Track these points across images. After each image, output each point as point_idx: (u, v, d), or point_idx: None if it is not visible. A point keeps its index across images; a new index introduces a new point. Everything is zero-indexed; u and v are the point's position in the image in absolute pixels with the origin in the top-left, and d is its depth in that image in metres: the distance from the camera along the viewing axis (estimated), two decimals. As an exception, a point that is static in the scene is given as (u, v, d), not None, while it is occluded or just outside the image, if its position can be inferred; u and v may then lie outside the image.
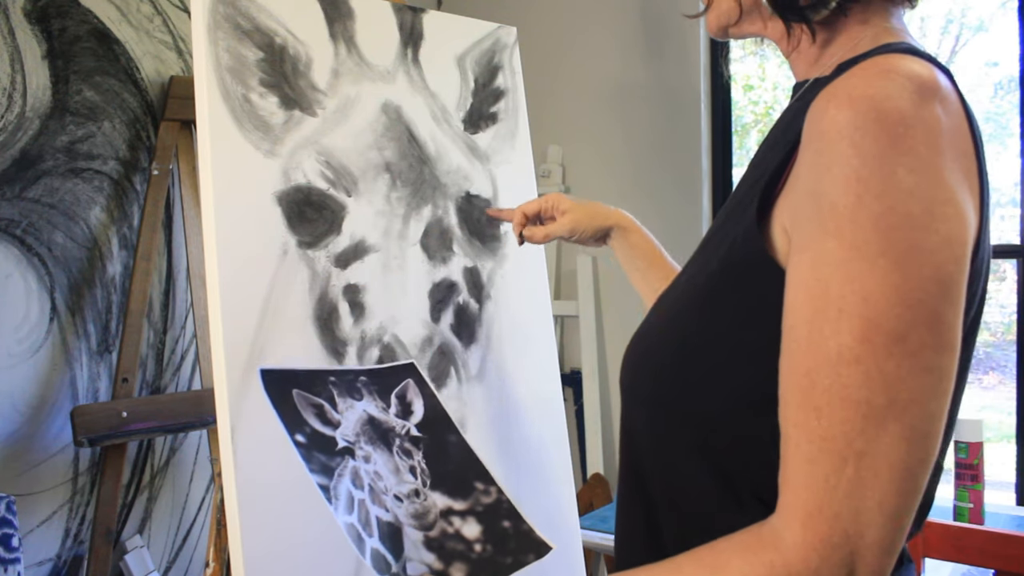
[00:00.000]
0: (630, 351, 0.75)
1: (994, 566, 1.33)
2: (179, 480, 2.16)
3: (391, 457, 1.09)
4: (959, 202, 0.56)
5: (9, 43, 1.84)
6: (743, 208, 0.66)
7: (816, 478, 0.54)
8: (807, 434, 0.55)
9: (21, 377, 1.85)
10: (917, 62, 0.59)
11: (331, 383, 1.08)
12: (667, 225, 2.43)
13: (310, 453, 1.02)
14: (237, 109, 1.07)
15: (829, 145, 0.56)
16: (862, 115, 0.55)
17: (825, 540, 0.54)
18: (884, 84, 0.56)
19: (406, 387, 1.15)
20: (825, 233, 0.55)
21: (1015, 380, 2.00)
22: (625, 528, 0.77)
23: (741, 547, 0.59)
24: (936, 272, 0.54)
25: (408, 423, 1.12)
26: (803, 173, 0.59)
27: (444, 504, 1.11)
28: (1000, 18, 2.16)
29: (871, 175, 0.54)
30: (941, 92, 0.58)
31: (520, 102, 1.41)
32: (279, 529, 0.99)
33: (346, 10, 1.21)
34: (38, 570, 1.89)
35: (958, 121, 0.59)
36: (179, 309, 2.15)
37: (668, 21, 2.41)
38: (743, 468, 0.65)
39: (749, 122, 2.67)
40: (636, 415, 0.74)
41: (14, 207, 1.85)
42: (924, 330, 0.53)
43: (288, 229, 1.10)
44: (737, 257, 0.65)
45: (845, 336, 0.54)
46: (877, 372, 0.53)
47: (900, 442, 0.53)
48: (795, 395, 0.56)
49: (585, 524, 1.90)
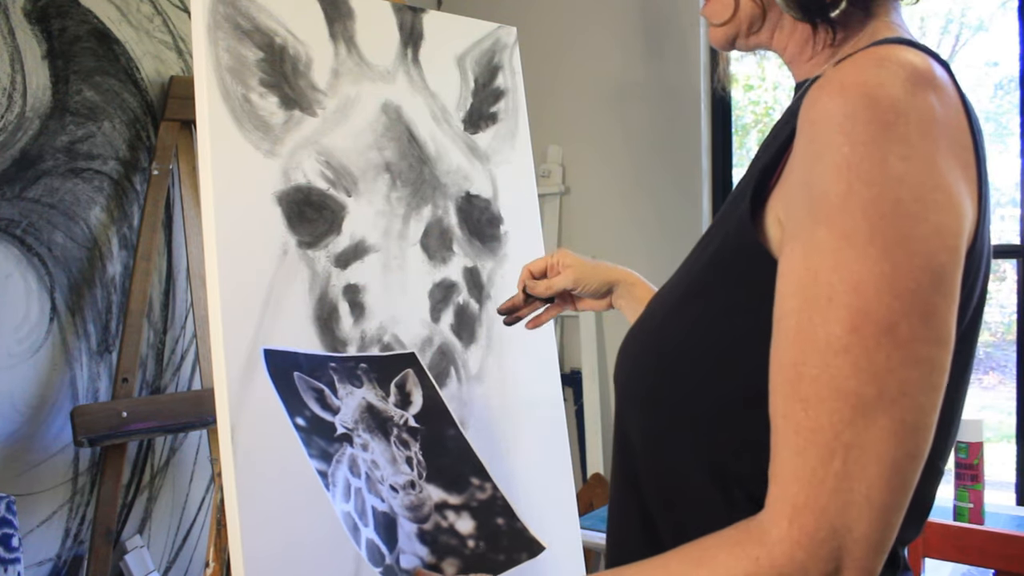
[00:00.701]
0: (624, 348, 0.75)
1: (994, 566, 1.33)
2: (179, 480, 2.16)
3: (388, 446, 1.09)
4: (953, 192, 0.55)
5: (9, 43, 1.84)
6: (737, 202, 0.65)
7: (803, 471, 0.53)
8: (794, 426, 0.54)
9: (21, 377, 1.85)
10: (912, 51, 0.58)
11: (332, 368, 1.08)
12: (667, 225, 2.43)
13: (310, 437, 1.02)
14: (237, 109, 1.07)
15: (820, 133, 0.55)
16: (853, 102, 0.54)
17: (811, 535, 0.53)
18: (876, 72, 0.55)
19: (406, 377, 1.15)
20: (816, 222, 0.55)
21: (1015, 380, 2.00)
22: (619, 527, 0.77)
23: (728, 542, 0.58)
24: (927, 261, 0.53)
25: (407, 413, 1.12)
26: (796, 163, 0.58)
27: (439, 497, 1.11)
28: (1000, 18, 2.16)
29: (861, 162, 0.53)
30: (936, 82, 0.57)
31: (520, 102, 1.41)
32: (279, 529, 0.99)
33: (346, 10, 1.21)
34: (38, 570, 1.89)
35: (954, 113, 0.57)
36: (179, 309, 2.15)
37: (668, 21, 2.41)
38: (737, 465, 0.64)
39: (749, 122, 2.67)
40: (630, 412, 0.73)
41: (14, 207, 1.85)
42: (915, 321, 0.52)
43: (288, 229, 1.10)
44: (730, 249, 0.64)
45: (834, 325, 0.53)
46: (866, 363, 0.52)
47: (889, 435, 0.52)
48: (783, 386, 0.55)
49: (585, 524, 1.90)
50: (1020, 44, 1.98)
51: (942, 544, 1.37)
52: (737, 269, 0.63)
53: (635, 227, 2.48)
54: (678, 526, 0.69)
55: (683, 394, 0.66)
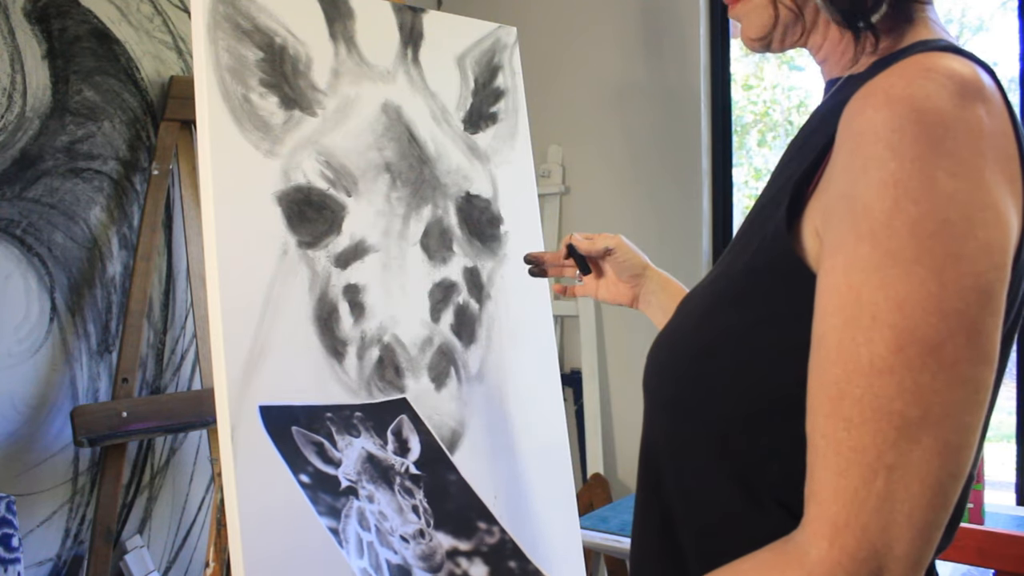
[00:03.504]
0: (653, 354, 0.74)
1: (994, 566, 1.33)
2: (179, 480, 2.16)
3: (393, 496, 1.08)
4: (1000, 208, 0.53)
5: (9, 43, 1.84)
6: (772, 209, 0.64)
7: (845, 491, 0.52)
8: (836, 445, 0.53)
9: (21, 377, 1.85)
10: (958, 60, 0.56)
11: (328, 419, 1.07)
12: (667, 225, 2.43)
13: (316, 495, 1.02)
14: (237, 109, 1.07)
15: (865, 146, 0.54)
16: (900, 116, 0.53)
17: (852, 555, 0.52)
18: (924, 83, 0.53)
19: (401, 424, 1.14)
20: (859, 238, 0.53)
21: (1015, 380, 2.00)
22: (640, 535, 0.76)
23: (765, 566, 0.57)
24: (975, 281, 0.51)
25: (407, 460, 1.12)
26: (837, 174, 0.57)
27: (450, 544, 1.10)
28: (1000, 18, 2.16)
29: (909, 178, 0.52)
30: (984, 92, 0.55)
31: (520, 102, 1.41)
32: (279, 529, 0.99)
33: (346, 10, 1.21)
34: (38, 570, 1.89)
35: (1001, 123, 0.56)
36: (179, 309, 2.15)
37: (668, 21, 2.41)
38: (765, 473, 0.63)
39: (749, 122, 2.67)
40: (659, 419, 0.72)
41: (14, 207, 1.85)
42: (961, 340, 0.51)
43: (288, 229, 1.10)
44: (765, 258, 0.63)
45: (878, 345, 0.52)
46: (911, 383, 0.51)
47: (933, 456, 0.51)
48: (824, 405, 0.54)
49: (585, 524, 1.90)
50: (1020, 44, 1.98)
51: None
52: (772, 279, 0.62)
53: (635, 227, 2.48)
54: (701, 533, 0.68)
55: (712, 401, 0.65)
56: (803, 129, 0.70)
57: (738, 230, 0.71)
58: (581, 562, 1.31)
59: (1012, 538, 1.31)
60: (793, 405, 0.58)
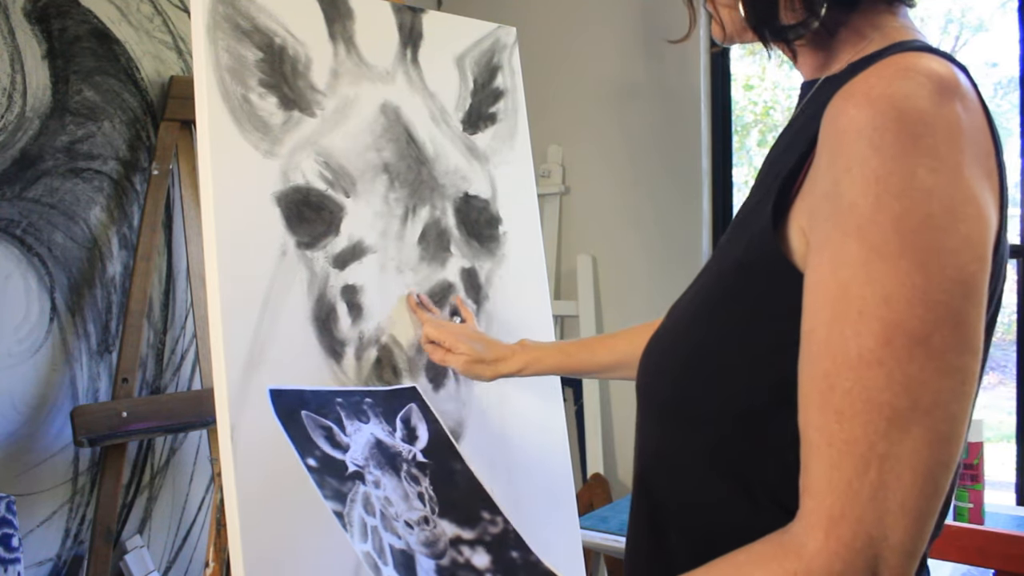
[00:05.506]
0: (645, 355, 0.75)
1: (994, 566, 1.33)
2: (179, 480, 2.16)
3: (400, 483, 1.09)
4: (980, 201, 0.55)
5: (9, 43, 1.84)
6: (758, 210, 0.65)
7: (838, 482, 0.54)
8: (828, 438, 0.54)
9: (21, 377, 1.85)
10: (935, 60, 0.58)
11: (338, 404, 1.08)
12: (667, 225, 2.43)
13: (323, 478, 1.02)
14: (237, 109, 1.07)
15: (848, 145, 0.55)
16: (881, 114, 0.54)
17: (848, 545, 0.53)
18: (903, 83, 0.55)
19: (410, 411, 1.15)
20: (844, 234, 0.55)
21: (1015, 380, 2.00)
22: (633, 536, 0.77)
23: (762, 558, 0.58)
24: (959, 273, 0.53)
25: (414, 448, 1.13)
26: (821, 173, 0.58)
27: (453, 532, 1.11)
28: (1000, 18, 2.16)
29: (891, 175, 0.53)
30: (960, 90, 0.57)
31: (520, 102, 1.41)
32: (279, 529, 0.99)
33: (345, 10, 1.21)
34: (38, 570, 1.89)
35: (978, 119, 0.58)
36: (179, 309, 2.15)
37: (668, 21, 2.41)
38: (758, 470, 0.64)
39: (749, 122, 2.67)
40: (652, 420, 0.73)
41: (14, 207, 1.85)
42: (947, 331, 0.53)
43: (287, 229, 1.10)
44: (752, 258, 0.64)
45: (866, 338, 0.53)
46: (900, 374, 0.52)
47: (923, 445, 0.53)
48: (815, 398, 0.55)
49: (585, 524, 1.90)
50: (1020, 44, 1.98)
51: (942, 544, 1.37)
52: (760, 279, 0.63)
53: (635, 227, 2.48)
54: (695, 533, 0.69)
55: (704, 400, 0.66)
56: (784, 132, 0.71)
57: (726, 232, 0.73)
58: (581, 562, 1.31)
59: (1012, 538, 1.31)
60: (784, 402, 0.59)
